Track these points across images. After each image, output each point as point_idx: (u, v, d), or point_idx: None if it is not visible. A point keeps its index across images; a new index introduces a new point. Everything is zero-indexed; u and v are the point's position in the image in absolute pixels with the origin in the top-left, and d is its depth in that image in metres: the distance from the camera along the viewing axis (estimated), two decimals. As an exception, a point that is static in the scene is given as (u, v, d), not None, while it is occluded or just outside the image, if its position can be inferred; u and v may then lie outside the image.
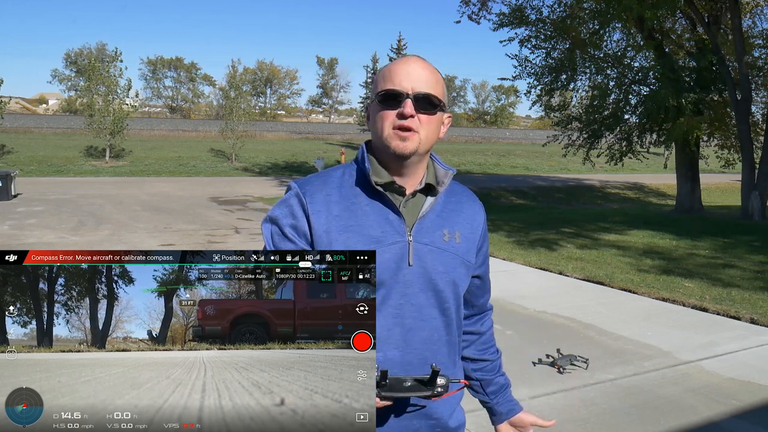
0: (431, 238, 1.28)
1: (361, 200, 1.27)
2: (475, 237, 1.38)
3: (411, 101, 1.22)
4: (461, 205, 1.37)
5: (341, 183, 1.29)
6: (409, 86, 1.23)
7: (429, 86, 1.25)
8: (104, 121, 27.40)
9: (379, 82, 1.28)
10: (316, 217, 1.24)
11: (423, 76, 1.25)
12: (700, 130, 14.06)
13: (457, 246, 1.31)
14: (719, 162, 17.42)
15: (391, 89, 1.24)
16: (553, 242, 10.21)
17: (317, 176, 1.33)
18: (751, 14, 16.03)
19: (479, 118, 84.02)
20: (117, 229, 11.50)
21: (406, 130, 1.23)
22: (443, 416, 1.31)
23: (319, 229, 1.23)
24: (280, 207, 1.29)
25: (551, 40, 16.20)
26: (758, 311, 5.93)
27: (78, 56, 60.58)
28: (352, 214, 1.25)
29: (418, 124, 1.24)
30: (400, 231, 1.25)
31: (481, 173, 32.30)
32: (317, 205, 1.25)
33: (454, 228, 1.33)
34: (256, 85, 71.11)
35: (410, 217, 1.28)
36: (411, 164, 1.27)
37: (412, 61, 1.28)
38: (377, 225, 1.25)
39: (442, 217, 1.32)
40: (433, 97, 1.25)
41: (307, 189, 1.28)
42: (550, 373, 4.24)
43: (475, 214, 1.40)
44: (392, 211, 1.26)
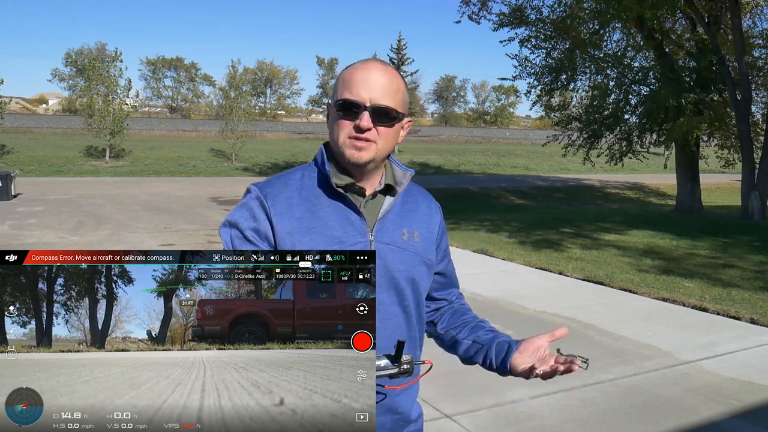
0: (391, 237, 1.30)
1: (323, 202, 1.28)
2: (433, 236, 1.40)
3: (368, 114, 1.22)
4: (418, 205, 1.40)
5: (301, 185, 1.30)
6: (367, 97, 1.22)
7: (388, 96, 1.24)
8: (104, 121, 27.42)
9: (338, 87, 1.27)
10: (278, 219, 1.24)
11: (382, 84, 1.24)
12: (700, 130, 14.05)
13: (416, 245, 1.34)
14: (719, 162, 17.42)
15: (348, 99, 1.23)
16: (553, 242, 10.21)
17: (277, 179, 1.33)
18: (751, 14, 16.03)
19: (479, 118, 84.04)
20: (117, 229, 11.50)
21: (362, 140, 1.24)
22: (406, 410, 1.35)
23: (282, 231, 1.24)
24: (240, 211, 1.28)
25: (551, 40, 16.21)
26: (758, 311, 5.93)
27: (78, 56, 60.58)
28: (314, 216, 1.26)
29: (376, 135, 1.24)
30: (361, 231, 1.27)
31: (481, 173, 32.31)
32: (279, 208, 1.25)
33: (413, 227, 1.35)
34: (256, 85, 71.11)
35: (370, 217, 1.30)
36: (368, 170, 1.29)
37: (371, 68, 1.25)
38: (339, 226, 1.26)
39: (401, 216, 1.34)
40: (391, 110, 1.24)
41: (268, 192, 1.27)
42: (550, 373, 4.23)
43: (432, 213, 1.42)
44: (353, 212, 1.28)
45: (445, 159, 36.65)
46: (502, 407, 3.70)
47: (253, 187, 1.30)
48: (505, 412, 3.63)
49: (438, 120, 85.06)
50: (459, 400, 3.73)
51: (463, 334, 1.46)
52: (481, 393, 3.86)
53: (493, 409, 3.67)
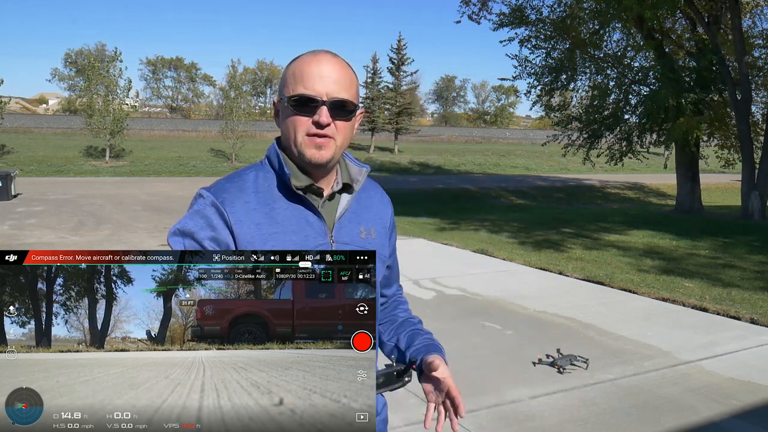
0: (350, 236, 1.28)
1: (280, 205, 1.23)
2: (386, 231, 1.39)
3: (327, 109, 1.18)
4: (371, 200, 1.38)
5: (256, 188, 1.24)
6: (323, 91, 1.18)
7: (344, 89, 1.20)
8: (104, 121, 27.43)
9: (289, 81, 1.21)
10: (239, 227, 1.19)
11: (337, 77, 1.20)
12: (700, 130, 14.06)
13: (374, 242, 1.32)
14: (719, 162, 17.42)
15: (304, 94, 1.18)
16: (553, 242, 10.21)
17: (230, 182, 1.25)
18: (751, 14, 16.03)
19: (479, 118, 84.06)
20: (117, 229, 11.50)
21: (321, 137, 1.19)
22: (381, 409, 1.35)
23: (243, 239, 1.18)
24: (193, 218, 1.20)
25: (551, 40, 16.21)
26: (758, 311, 5.93)
27: (78, 56, 60.58)
28: (273, 221, 1.21)
29: (334, 130, 1.20)
30: (321, 233, 1.24)
31: (481, 173, 32.31)
32: (238, 215, 1.19)
33: (369, 224, 1.33)
34: (256, 85, 71.14)
35: (329, 217, 1.27)
36: (327, 168, 1.25)
37: (324, 60, 1.20)
38: (299, 229, 1.22)
39: (357, 214, 1.32)
40: (349, 102, 1.21)
41: (224, 197, 1.20)
42: (550, 373, 4.24)
43: (384, 207, 1.41)
44: (312, 213, 1.24)
45: (445, 159, 36.65)
46: (502, 407, 3.70)
47: (205, 192, 1.23)
48: (505, 412, 3.63)
49: (438, 120, 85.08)
50: (459, 400, 3.73)
51: (387, 336, 1.44)
52: (481, 393, 3.86)
53: (493, 409, 3.67)
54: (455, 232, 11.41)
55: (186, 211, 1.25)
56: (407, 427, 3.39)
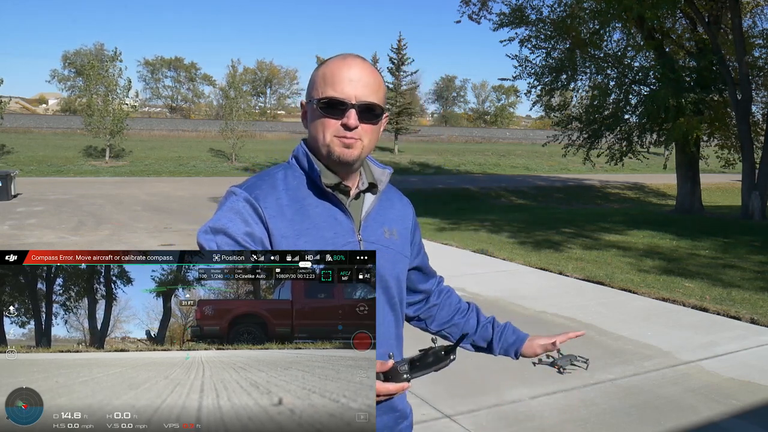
0: (376, 236, 1.30)
1: (310, 202, 1.25)
2: (408, 232, 1.42)
3: (355, 112, 1.21)
4: (392, 202, 1.40)
5: (286, 186, 1.26)
6: (353, 94, 1.20)
7: (372, 93, 1.23)
8: (104, 121, 27.44)
9: (318, 83, 1.24)
10: (273, 222, 1.20)
11: (366, 81, 1.22)
12: (700, 130, 14.06)
13: (396, 242, 1.34)
14: (719, 162, 17.42)
15: (334, 97, 1.21)
16: (553, 242, 10.21)
17: (262, 180, 1.27)
18: (751, 14, 16.04)
19: (479, 118, 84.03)
20: (117, 229, 11.50)
21: (350, 138, 1.22)
22: (402, 406, 1.36)
23: (277, 234, 1.20)
24: (227, 215, 1.20)
25: (551, 40, 16.21)
26: (758, 311, 5.93)
27: (76, 56, 60.53)
28: (305, 217, 1.23)
29: (361, 133, 1.23)
30: (349, 231, 1.26)
31: (481, 173, 32.31)
32: (272, 210, 1.21)
33: (392, 225, 1.36)
34: (256, 85, 71.12)
35: (356, 216, 1.29)
36: (354, 168, 1.28)
37: (354, 65, 1.23)
38: (329, 227, 1.24)
39: (381, 214, 1.34)
40: (377, 106, 1.23)
41: (257, 194, 1.22)
42: (550, 373, 4.24)
43: (405, 208, 1.44)
44: (341, 211, 1.26)
45: (445, 159, 36.66)
46: (502, 407, 3.70)
47: (238, 189, 1.24)
48: (505, 412, 3.63)
49: (438, 120, 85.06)
50: (459, 400, 3.73)
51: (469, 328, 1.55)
52: (481, 393, 3.86)
53: (493, 409, 3.67)
54: (455, 232, 11.41)
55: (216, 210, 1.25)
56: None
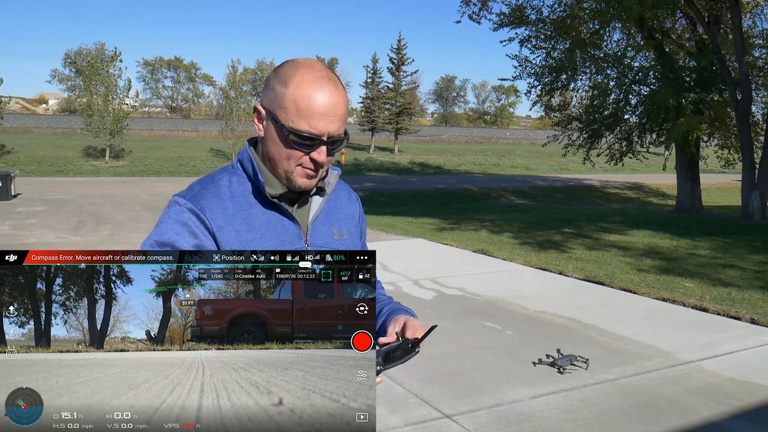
0: (324, 239, 1.30)
1: (256, 210, 1.23)
2: (357, 230, 1.42)
3: (326, 149, 1.18)
4: (340, 200, 1.39)
5: (232, 193, 1.22)
6: (326, 131, 1.16)
7: (343, 123, 1.19)
8: (104, 121, 27.45)
9: (288, 107, 1.15)
10: (221, 234, 1.17)
11: (339, 114, 1.18)
12: (700, 130, 14.06)
13: (346, 242, 1.34)
14: (719, 162, 17.42)
15: (307, 134, 1.15)
16: (553, 242, 10.21)
17: (205, 188, 1.22)
18: (751, 14, 16.03)
19: (479, 118, 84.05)
20: (117, 229, 11.50)
21: (314, 171, 1.20)
22: None
23: (226, 246, 1.17)
24: (173, 227, 1.16)
25: (551, 40, 16.22)
26: (758, 311, 5.93)
27: (77, 56, 60.54)
28: (251, 227, 1.21)
29: (326, 163, 1.22)
30: (296, 237, 1.25)
31: (481, 173, 32.32)
32: (218, 221, 1.18)
33: (342, 225, 1.35)
34: (256, 85, 71.05)
35: (302, 221, 1.28)
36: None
37: (328, 92, 1.16)
38: (276, 235, 1.23)
39: (329, 215, 1.34)
40: (345, 136, 1.21)
41: (203, 204, 1.18)
42: (550, 373, 4.24)
43: (353, 205, 1.43)
44: (287, 218, 1.25)
45: (445, 159, 36.67)
46: (502, 407, 3.69)
47: (181, 199, 1.19)
48: (505, 412, 3.63)
49: (438, 120, 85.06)
50: (459, 400, 3.73)
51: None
52: (481, 393, 3.86)
53: (493, 409, 3.67)
54: (455, 232, 11.41)
55: (159, 222, 1.19)
56: (407, 427, 3.39)
